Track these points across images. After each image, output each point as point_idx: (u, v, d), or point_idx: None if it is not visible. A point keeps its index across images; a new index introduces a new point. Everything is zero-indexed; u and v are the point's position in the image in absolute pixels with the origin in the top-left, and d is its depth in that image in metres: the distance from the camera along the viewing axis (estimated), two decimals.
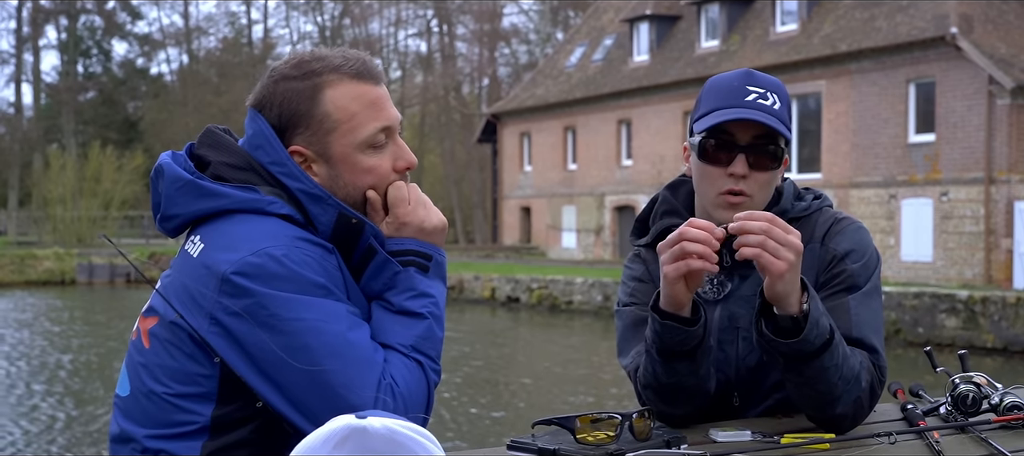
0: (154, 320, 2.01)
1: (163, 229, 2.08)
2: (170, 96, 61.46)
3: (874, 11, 27.13)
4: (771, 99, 2.28)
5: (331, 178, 2.04)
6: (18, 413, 13.40)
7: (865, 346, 2.24)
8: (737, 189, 2.29)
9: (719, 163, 2.30)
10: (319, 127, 2.02)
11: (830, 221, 2.39)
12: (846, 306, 2.27)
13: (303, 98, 2.01)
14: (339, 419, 1.36)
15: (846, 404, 2.17)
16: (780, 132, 2.28)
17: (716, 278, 2.41)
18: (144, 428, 1.98)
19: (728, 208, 2.29)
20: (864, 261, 2.33)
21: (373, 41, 55.33)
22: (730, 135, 2.29)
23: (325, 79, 2.02)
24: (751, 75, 2.33)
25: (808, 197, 2.45)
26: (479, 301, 29.13)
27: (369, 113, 2.03)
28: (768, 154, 2.29)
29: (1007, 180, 23.69)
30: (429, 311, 2.03)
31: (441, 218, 2.10)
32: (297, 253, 1.93)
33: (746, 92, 2.28)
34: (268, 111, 2.04)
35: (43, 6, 61.40)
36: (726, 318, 2.38)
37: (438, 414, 12.37)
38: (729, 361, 2.36)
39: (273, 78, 2.05)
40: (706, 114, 2.31)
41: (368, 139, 2.03)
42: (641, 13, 35.09)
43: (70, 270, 37.69)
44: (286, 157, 2.02)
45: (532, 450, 1.95)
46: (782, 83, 2.37)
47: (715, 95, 2.32)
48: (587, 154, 36.47)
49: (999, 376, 2.44)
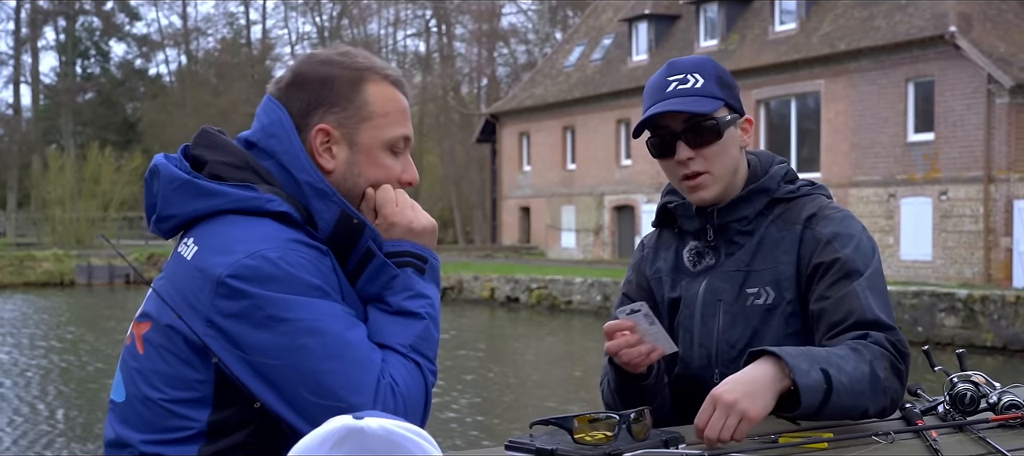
0: (148, 325, 2.00)
1: (158, 230, 2.07)
2: (169, 97, 61.44)
3: (873, 10, 27.14)
4: (692, 80, 2.39)
5: (348, 164, 2.07)
6: (17, 415, 13.39)
7: (881, 326, 2.28)
8: (689, 173, 2.41)
9: (668, 155, 2.43)
10: (356, 113, 2.06)
11: (816, 208, 2.44)
12: (854, 293, 2.30)
13: (345, 83, 2.07)
14: (336, 420, 1.36)
15: (875, 404, 2.20)
16: (700, 112, 2.37)
17: (698, 251, 2.49)
18: (140, 433, 1.97)
19: (692, 191, 2.44)
20: (854, 244, 2.37)
21: (372, 41, 55.34)
22: (666, 127, 2.41)
23: (369, 74, 2.09)
24: (672, 65, 2.44)
25: (800, 184, 2.50)
26: (478, 301, 29.13)
27: (398, 118, 2.10)
28: (705, 131, 2.39)
29: (1006, 179, 23.70)
30: (426, 312, 2.03)
31: (430, 220, 2.12)
32: (292, 255, 1.93)
33: (666, 84, 2.40)
34: (304, 87, 2.06)
35: (41, 7, 61.39)
36: (709, 292, 2.45)
37: (435, 414, 12.37)
38: (710, 334, 2.43)
39: (317, 60, 2.10)
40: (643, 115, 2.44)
41: (391, 141, 2.09)
42: (640, 13, 35.10)
43: (69, 271, 37.67)
44: (300, 149, 2.03)
45: (530, 450, 1.95)
46: (708, 59, 2.46)
47: (646, 96, 2.45)
48: (586, 154, 36.48)
49: (999, 375, 2.44)
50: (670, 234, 2.58)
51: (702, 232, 2.49)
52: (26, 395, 14.86)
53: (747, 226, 2.45)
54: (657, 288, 2.54)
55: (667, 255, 2.55)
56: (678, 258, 2.53)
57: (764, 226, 2.45)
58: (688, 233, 2.53)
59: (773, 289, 2.39)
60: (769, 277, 2.40)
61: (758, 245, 2.43)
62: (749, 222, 2.45)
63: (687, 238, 2.53)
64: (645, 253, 2.61)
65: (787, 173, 2.51)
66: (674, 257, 2.54)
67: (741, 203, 2.45)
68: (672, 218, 2.57)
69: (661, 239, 2.60)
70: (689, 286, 2.49)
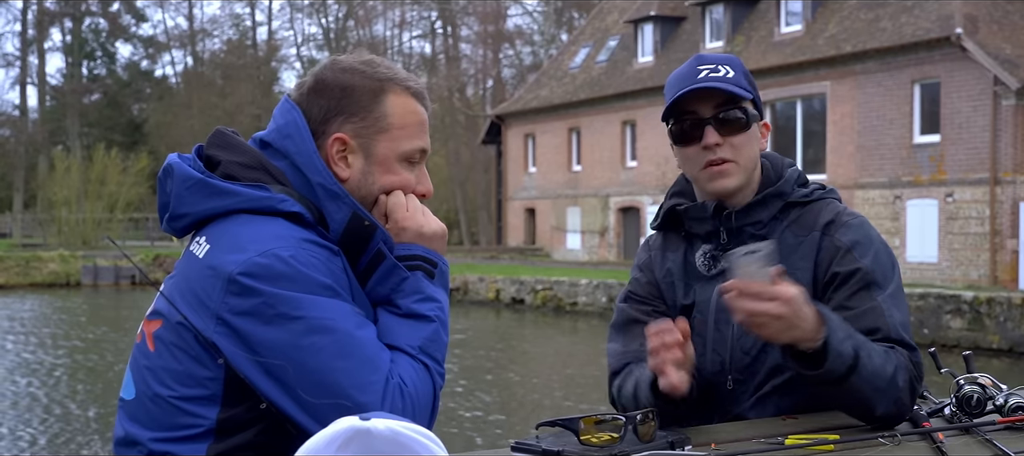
0: (158, 323, 2.01)
1: (170, 229, 2.08)
2: (174, 98, 61.53)
3: (879, 12, 27.11)
4: (723, 70, 2.36)
5: (363, 173, 2.08)
6: (25, 415, 13.43)
7: (905, 345, 2.28)
8: (716, 159, 2.37)
9: (693, 141, 2.39)
10: (373, 124, 2.07)
11: (833, 214, 2.41)
12: (880, 309, 2.29)
13: (366, 93, 2.07)
14: (343, 420, 1.36)
15: (885, 407, 2.20)
16: (738, 95, 2.35)
17: (714, 255, 2.45)
18: (149, 431, 1.98)
19: (715, 178, 2.38)
20: (873, 253, 2.35)
21: (377, 43, 55.38)
22: (694, 112, 2.38)
23: (391, 85, 2.09)
24: (701, 57, 2.41)
25: (813, 188, 2.48)
26: (484, 302, 29.13)
27: (416, 130, 2.11)
28: (734, 118, 2.36)
29: (1012, 181, 23.66)
30: (436, 315, 2.04)
31: (440, 225, 2.13)
32: (304, 254, 1.94)
33: (697, 72, 2.37)
34: (325, 94, 2.07)
35: (48, 9, 61.50)
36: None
37: (441, 415, 12.34)
38: (724, 341, 2.39)
39: (340, 67, 2.10)
40: (670, 103, 2.40)
41: (408, 153, 2.10)
42: (645, 14, 35.08)
43: (75, 272, 37.73)
44: (313, 150, 2.04)
45: (536, 451, 1.95)
46: (736, 57, 2.44)
47: (671, 85, 2.40)
48: (592, 155, 36.46)
49: (1005, 377, 2.44)
50: (676, 237, 2.52)
51: (714, 235, 2.44)
52: (32, 397, 14.89)
53: (762, 230, 2.41)
54: (668, 292, 2.49)
55: (675, 258, 2.49)
56: (688, 262, 2.47)
57: (779, 231, 2.41)
58: (697, 237, 2.47)
59: None
60: None
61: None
62: (763, 226, 2.41)
63: (696, 242, 2.47)
64: (652, 254, 2.54)
65: (799, 176, 2.48)
66: (683, 261, 2.48)
67: (756, 207, 2.41)
68: (677, 221, 2.51)
69: (667, 241, 2.53)
70: (702, 291, 2.43)
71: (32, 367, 17.94)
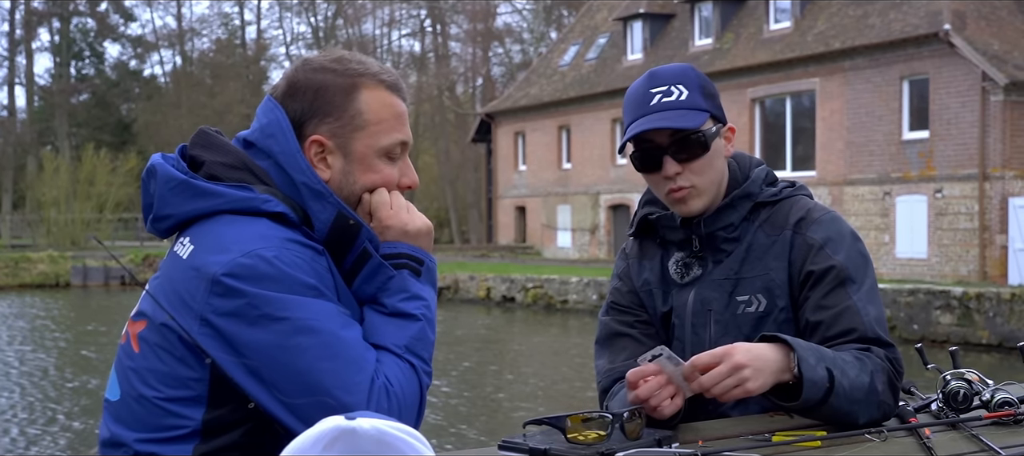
0: (143, 324, 2.00)
1: (154, 230, 2.07)
2: (163, 98, 61.34)
3: (867, 8, 27.16)
4: (676, 92, 2.34)
5: (344, 173, 2.06)
6: (13, 415, 13.38)
7: (881, 343, 2.28)
8: (675, 188, 2.36)
9: (653, 170, 2.38)
10: (349, 122, 2.05)
11: (804, 211, 2.41)
12: (854, 308, 2.29)
13: (339, 91, 2.05)
14: (328, 420, 1.36)
15: (867, 415, 2.20)
16: (687, 127, 2.32)
17: (686, 262, 2.45)
18: (134, 432, 1.97)
19: (678, 205, 2.39)
20: (846, 248, 2.35)
21: (367, 42, 55.31)
22: (650, 141, 2.37)
23: (363, 80, 2.07)
24: (653, 76, 2.38)
25: (781, 186, 2.47)
26: (474, 301, 29.12)
27: (394, 124, 2.09)
28: (692, 145, 2.34)
29: (1001, 176, 23.73)
30: (422, 313, 2.03)
31: (425, 222, 2.12)
32: (288, 254, 1.93)
33: (649, 97, 2.35)
34: (297, 97, 2.06)
35: (36, 9, 61.26)
36: (698, 302, 2.42)
37: (429, 414, 12.36)
38: (702, 345, 2.38)
39: (310, 67, 2.08)
40: (627, 128, 2.40)
41: (387, 148, 2.08)
42: (634, 12, 35.10)
43: (64, 273, 37.63)
44: (297, 149, 2.03)
45: (523, 450, 1.95)
46: (689, 67, 2.41)
47: (628, 107, 2.40)
48: (582, 153, 36.49)
49: (994, 373, 2.45)
50: (652, 244, 2.52)
51: (687, 242, 2.45)
52: (21, 397, 14.85)
53: (733, 233, 2.41)
54: (648, 300, 2.49)
55: (652, 266, 2.50)
56: (664, 269, 2.48)
57: (751, 232, 2.41)
58: (672, 244, 2.48)
59: (765, 296, 2.37)
60: (760, 284, 2.37)
61: (747, 251, 2.40)
62: (735, 228, 2.41)
63: (671, 249, 2.48)
64: (630, 262, 2.54)
65: (767, 175, 2.47)
66: (660, 268, 2.49)
67: (726, 210, 2.41)
68: (653, 229, 2.51)
69: (643, 249, 2.54)
70: (679, 296, 2.44)
71: (19, 368, 17.89)
